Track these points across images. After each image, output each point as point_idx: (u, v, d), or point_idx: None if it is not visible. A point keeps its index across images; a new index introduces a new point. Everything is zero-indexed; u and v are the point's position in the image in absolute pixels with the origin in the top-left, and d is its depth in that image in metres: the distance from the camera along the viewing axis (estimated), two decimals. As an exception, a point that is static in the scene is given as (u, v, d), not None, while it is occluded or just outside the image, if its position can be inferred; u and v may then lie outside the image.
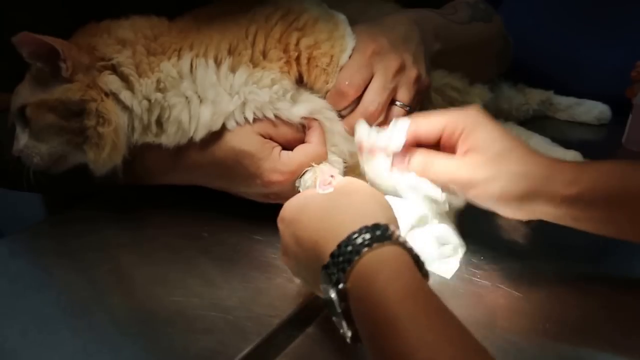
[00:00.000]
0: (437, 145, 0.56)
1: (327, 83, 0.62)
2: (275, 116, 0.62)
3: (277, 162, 0.61)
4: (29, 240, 0.66)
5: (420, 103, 0.67)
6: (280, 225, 0.50)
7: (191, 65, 0.61)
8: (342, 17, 0.66)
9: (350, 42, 0.64)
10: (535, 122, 0.95)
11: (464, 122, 0.53)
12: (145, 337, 0.49)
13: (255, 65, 0.62)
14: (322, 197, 0.48)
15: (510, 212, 0.53)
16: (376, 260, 0.40)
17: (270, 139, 0.62)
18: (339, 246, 0.41)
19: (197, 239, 0.63)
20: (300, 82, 0.63)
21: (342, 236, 0.42)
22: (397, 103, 0.63)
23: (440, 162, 0.54)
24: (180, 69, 0.61)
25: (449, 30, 0.74)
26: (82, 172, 0.63)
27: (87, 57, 0.60)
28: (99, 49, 0.61)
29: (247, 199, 0.65)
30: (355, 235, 0.41)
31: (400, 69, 0.63)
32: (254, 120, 0.61)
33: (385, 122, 0.62)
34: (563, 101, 0.99)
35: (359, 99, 0.63)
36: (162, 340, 0.49)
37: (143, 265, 0.60)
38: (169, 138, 0.62)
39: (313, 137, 0.63)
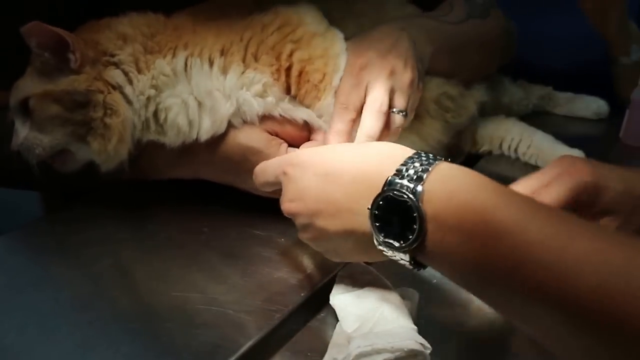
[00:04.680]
0: None
1: (319, 100, 0.62)
2: (280, 115, 0.62)
3: None
4: (27, 237, 0.65)
5: (414, 109, 0.66)
6: (292, 170, 0.48)
7: (185, 64, 0.61)
8: (340, 35, 0.66)
9: (343, 62, 0.63)
10: (535, 118, 0.95)
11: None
12: (145, 332, 0.49)
13: (247, 66, 0.62)
14: (345, 146, 0.51)
15: None
16: (458, 172, 0.41)
17: (277, 135, 0.63)
18: (406, 161, 0.42)
19: (198, 234, 0.63)
20: (287, 93, 0.63)
21: (400, 161, 0.42)
22: (394, 110, 0.62)
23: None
24: (175, 67, 0.61)
25: (442, 32, 0.73)
26: (84, 168, 0.63)
27: (93, 51, 0.60)
28: (102, 44, 0.61)
29: (249, 193, 0.65)
30: (418, 156, 0.42)
31: (391, 75, 0.62)
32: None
33: (386, 130, 0.61)
34: (562, 96, 0.99)
35: None
36: (162, 335, 0.48)
37: (143, 260, 0.59)
38: (170, 139, 0.62)
39: (319, 135, 0.63)
